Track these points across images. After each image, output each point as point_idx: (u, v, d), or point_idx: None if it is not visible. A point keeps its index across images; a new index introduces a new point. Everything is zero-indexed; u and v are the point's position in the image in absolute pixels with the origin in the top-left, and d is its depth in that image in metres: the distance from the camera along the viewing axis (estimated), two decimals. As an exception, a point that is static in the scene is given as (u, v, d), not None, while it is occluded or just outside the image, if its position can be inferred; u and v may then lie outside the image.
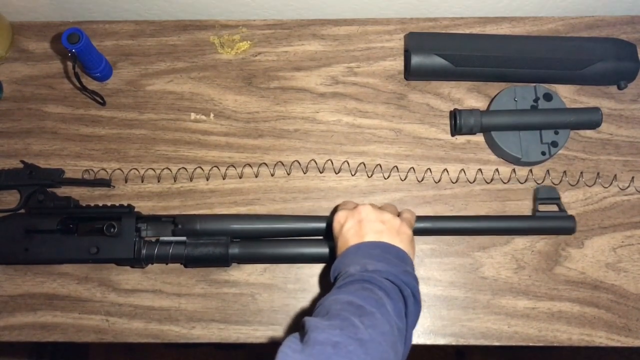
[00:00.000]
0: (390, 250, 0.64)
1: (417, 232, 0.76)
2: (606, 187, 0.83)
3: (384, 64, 0.89)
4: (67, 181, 0.83)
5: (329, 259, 0.77)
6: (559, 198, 0.81)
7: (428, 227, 0.78)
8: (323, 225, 0.78)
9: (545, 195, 0.81)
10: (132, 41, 0.91)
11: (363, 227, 0.66)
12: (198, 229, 0.76)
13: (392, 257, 0.63)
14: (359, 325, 0.52)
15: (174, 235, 0.77)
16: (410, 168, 0.84)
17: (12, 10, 0.92)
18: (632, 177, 0.83)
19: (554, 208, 0.81)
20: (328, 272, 0.66)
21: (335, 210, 0.72)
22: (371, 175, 0.84)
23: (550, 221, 0.79)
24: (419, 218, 0.77)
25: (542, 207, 0.81)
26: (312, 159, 0.84)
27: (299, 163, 0.84)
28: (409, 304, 0.59)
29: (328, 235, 0.76)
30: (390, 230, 0.66)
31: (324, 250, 0.76)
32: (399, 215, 0.71)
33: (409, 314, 0.59)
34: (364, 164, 0.84)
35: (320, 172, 0.84)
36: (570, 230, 0.79)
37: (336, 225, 0.69)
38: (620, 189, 0.83)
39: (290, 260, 0.79)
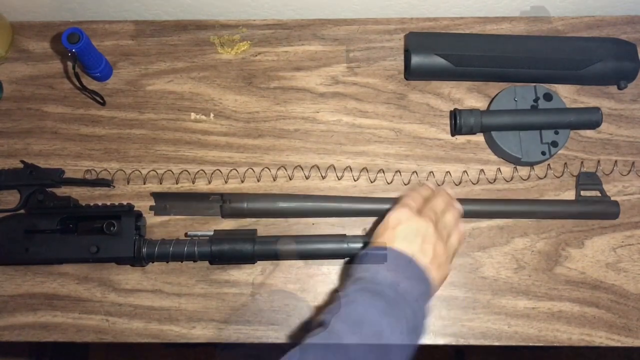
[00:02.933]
0: (423, 280, 0.62)
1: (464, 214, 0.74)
2: (606, 187, 0.83)
3: (384, 64, 0.89)
4: (67, 181, 0.83)
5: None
6: (600, 184, 0.81)
7: (473, 209, 0.78)
8: (374, 206, 0.78)
9: (587, 181, 0.82)
10: (132, 41, 0.91)
11: (415, 241, 0.63)
12: (245, 207, 0.77)
13: (422, 289, 0.61)
14: None
15: (221, 212, 0.78)
16: (413, 172, 0.83)
17: (12, 10, 0.92)
18: (632, 177, 0.83)
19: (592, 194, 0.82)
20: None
21: (399, 198, 0.69)
22: (374, 181, 0.84)
23: (594, 205, 0.80)
24: (463, 201, 0.75)
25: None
26: (315, 165, 0.84)
27: (302, 168, 0.84)
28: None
29: None
30: (435, 260, 0.64)
31: (354, 245, 0.76)
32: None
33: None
34: (367, 170, 0.84)
35: (323, 178, 0.83)
36: (614, 215, 0.80)
37: (393, 220, 0.65)
38: (620, 188, 0.83)
39: (315, 257, 0.78)
